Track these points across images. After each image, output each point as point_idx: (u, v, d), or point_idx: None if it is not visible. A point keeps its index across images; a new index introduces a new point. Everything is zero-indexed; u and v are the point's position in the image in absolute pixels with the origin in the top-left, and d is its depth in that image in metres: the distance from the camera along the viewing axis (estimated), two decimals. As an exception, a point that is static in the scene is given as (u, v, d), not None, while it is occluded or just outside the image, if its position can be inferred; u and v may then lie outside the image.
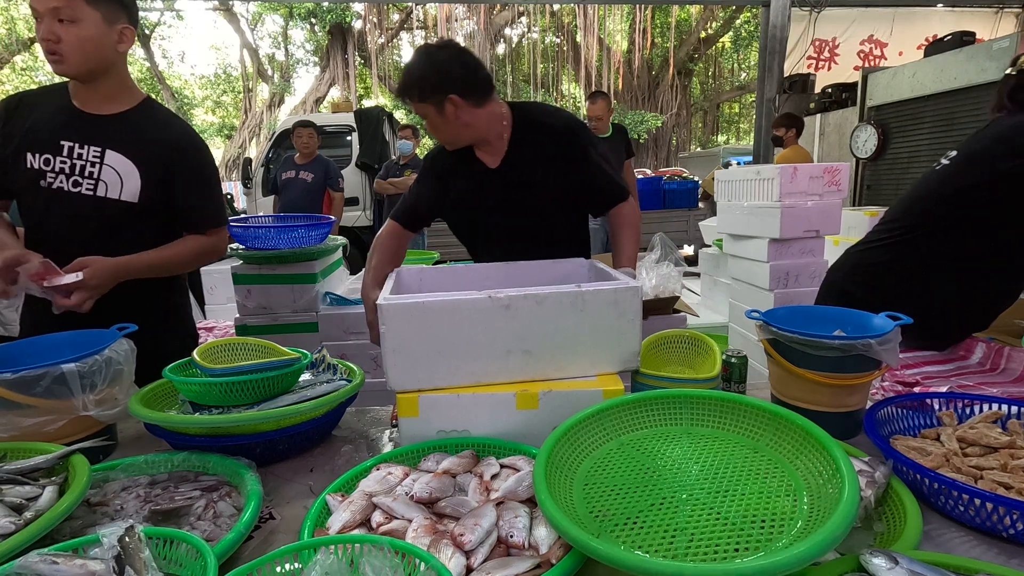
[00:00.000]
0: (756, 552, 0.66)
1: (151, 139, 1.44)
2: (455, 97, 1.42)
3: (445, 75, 1.41)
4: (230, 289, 2.52)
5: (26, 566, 0.66)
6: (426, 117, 1.49)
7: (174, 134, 1.47)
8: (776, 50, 6.34)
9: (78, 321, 1.28)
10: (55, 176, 1.39)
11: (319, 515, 0.84)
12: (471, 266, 1.52)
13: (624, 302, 1.08)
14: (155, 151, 1.43)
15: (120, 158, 1.40)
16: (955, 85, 3.74)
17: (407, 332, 1.04)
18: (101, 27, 1.33)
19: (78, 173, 1.39)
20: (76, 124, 1.41)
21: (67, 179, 1.39)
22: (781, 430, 0.86)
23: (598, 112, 4.36)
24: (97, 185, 1.40)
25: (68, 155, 1.38)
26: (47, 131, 1.39)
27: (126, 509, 0.88)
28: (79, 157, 1.39)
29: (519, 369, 1.08)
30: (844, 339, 1.03)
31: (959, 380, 1.36)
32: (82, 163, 1.39)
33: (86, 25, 1.31)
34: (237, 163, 12.88)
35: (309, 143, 4.41)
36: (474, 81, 1.44)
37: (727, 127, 21.81)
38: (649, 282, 2.27)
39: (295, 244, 2.24)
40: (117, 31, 1.37)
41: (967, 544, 0.79)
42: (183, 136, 1.48)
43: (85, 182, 1.39)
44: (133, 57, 17.01)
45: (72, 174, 1.39)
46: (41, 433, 1.04)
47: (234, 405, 1.13)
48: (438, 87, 1.41)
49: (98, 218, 1.41)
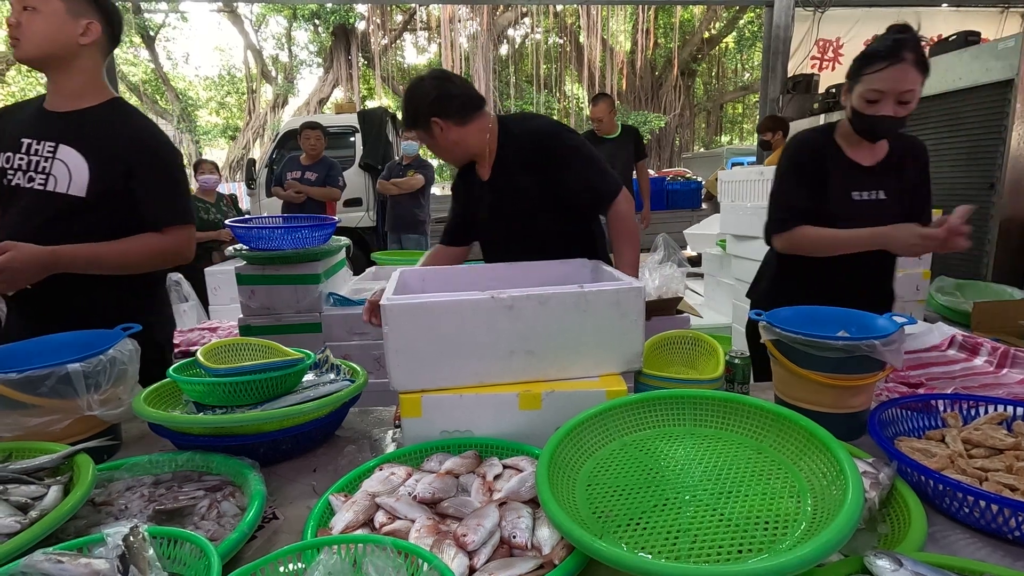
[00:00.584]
0: (760, 554, 0.66)
1: (109, 135, 1.43)
2: (437, 119, 1.56)
3: (425, 100, 1.56)
4: (234, 289, 2.52)
5: (31, 565, 0.67)
6: (424, 141, 1.66)
7: (136, 131, 1.46)
8: (780, 50, 6.33)
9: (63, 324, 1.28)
10: (14, 173, 1.40)
11: (322, 515, 0.85)
12: (473, 267, 1.52)
13: (627, 302, 1.08)
14: (112, 147, 1.42)
15: (71, 152, 1.40)
16: (960, 85, 3.72)
17: (410, 332, 1.04)
18: (63, 17, 1.36)
19: (32, 168, 1.39)
20: (38, 122, 1.42)
21: (24, 175, 1.40)
22: (785, 431, 0.86)
23: (599, 114, 4.40)
24: (48, 179, 1.39)
25: (26, 152, 1.40)
26: (12, 132, 1.42)
27: (130, 509, 0.89)
28: (35, 153, 1.40)
29: (522, 369, 1.08)
30: (848, 340, 1.03)
31: (964, 381, 1.35)
32: (37, 158, 1.40)
33: (46, 14, 1.35)
34: (241, 164, 12.93)
35: (316, 145, 4.42)
36: (452, 102, 1.56)
37: (730, 128, 21.78)
38: (652, 283, 2.27)
39: (298, 245, 2.25)
40: (82, 25, 1.39)
41: (972, 546, 0.79)
42: (145, 133, 1.47)
43: (38, 177, 1.39)
44: (138, 59, 17.10)
45: (28, 170, 1.39)
46: (46, 433, 1.04)
47: (238, 405, 1.14)
48: (422, 112, 1.57)
49: (46, 212, 1.40)
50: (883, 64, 1.38)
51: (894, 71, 1.37)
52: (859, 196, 1.55)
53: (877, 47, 1.41)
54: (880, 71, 1.38)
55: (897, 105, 1.40)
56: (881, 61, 1.38)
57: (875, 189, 1.55)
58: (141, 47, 16.76)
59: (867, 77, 1.41)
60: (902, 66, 1.37)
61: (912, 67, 1.37)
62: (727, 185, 4.17)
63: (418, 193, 4.92)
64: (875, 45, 1.42)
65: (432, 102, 1.55)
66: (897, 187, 1.56)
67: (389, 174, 5.00)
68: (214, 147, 19.67)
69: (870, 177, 1.56)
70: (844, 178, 1.55)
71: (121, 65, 15.44)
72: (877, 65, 1.39)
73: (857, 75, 1.44)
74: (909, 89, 1.39)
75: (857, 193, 1.55)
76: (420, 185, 4.88)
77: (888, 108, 1.40)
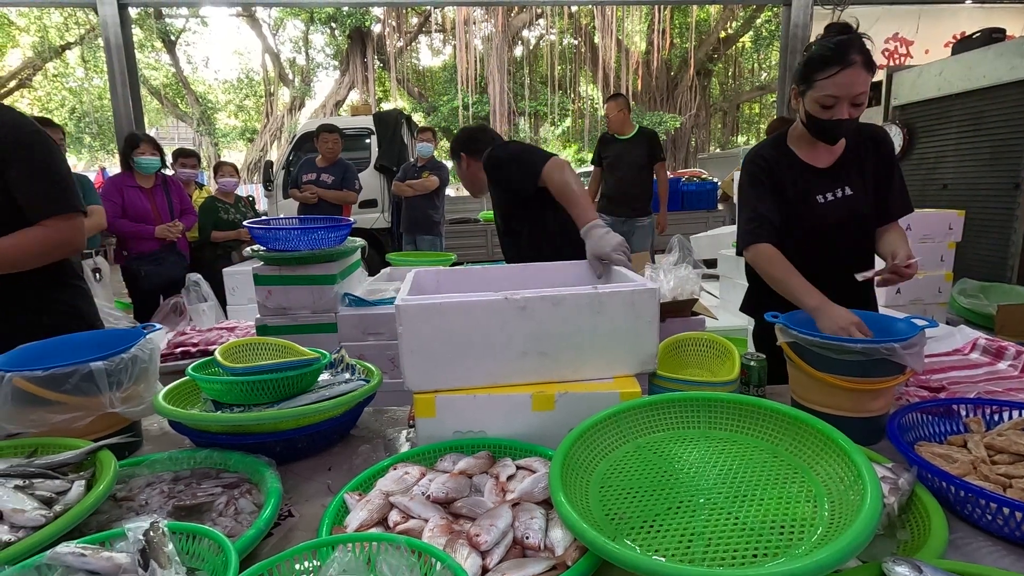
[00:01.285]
0: (775, 558, 0.65)
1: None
2: (463, 155, 2.12)
3: (458, 140, 2.17)
4: (251, 290, 2.55)
5: (55, 558, 0.68)
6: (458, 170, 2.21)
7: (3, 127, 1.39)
8: (798, 49, 6.23)
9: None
10: None
11: (337, 513, 0.85)
12: (487, 268, 1.52)
13: (641, 304, 1.08)
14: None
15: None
16: (984, 83, 3.65)
17: (425, 332, 1.04)
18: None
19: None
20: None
21: None
22: (801, 435, 0.85)
23: (608, 112, 4.43)
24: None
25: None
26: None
27: (150, 504, 0.90)
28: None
29: (535, 370, 1.08)
30: (867, 343, 1.02)
31: (987, 385, 1.32)
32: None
33: None
34: (259, 166, 13.10)
35: (334, 148, 4.46)
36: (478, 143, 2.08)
37: (747, 128, 21.54)
38: (667, 284, 2.25)
39: (315, 246, 2.27)
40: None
41: (995, 554, 0.77)
42: (10, 127, 1.41)
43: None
44: (159, 63, 17.41)
45: None
46: (70, 429, 1.07)
47: (255, 404, 1.15)
48: (455, 148, 2.18)
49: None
50: (835, 69, 1.35)
51: (846, 75, 1.35)
52: (823, 198, 1.52)
53: (824, 51, 1.37)
54: (832, 76, 1.36)
55: (851, 107, 1.38)
56: (833, 66, 1.35)
57: (838, 187, 1.53)
58: (162, 51, 17.07)
59: (820, 83, 1.38)
60: (853, 69, 1.34)
61: (862, 68, 1.35)
62: (743, 186, 4.11)
63: (433, 195, 4.94)
64: (820, 49, 1.39)
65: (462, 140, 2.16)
66: (860, 180, 1.54)
67: (404, 176, 5.03)
68: (232, 149, 19.96)
69: (829, 177, 1.53)
70: (804, 183, 1.53)
71: (143, 69, 15.73)
72: (829, 70, 1.36)
73: (808, 80, 1.41)
74: (862, 91, 1.37)
75: (821, 196, 1.52)
76: (435, 187, 4.90)
77: (843, 111, 1.38)
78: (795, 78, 1.47)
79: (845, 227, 1.53)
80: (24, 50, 15.54)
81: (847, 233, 1.54)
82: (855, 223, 1.54)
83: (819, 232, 1.53)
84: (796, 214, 1.53)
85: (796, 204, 1.52)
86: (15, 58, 15.67)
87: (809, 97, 1.43)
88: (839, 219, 1.52)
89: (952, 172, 4.05)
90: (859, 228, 1.55)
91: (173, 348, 2.16)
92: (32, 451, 1.02)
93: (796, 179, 1.53)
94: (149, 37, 16.24)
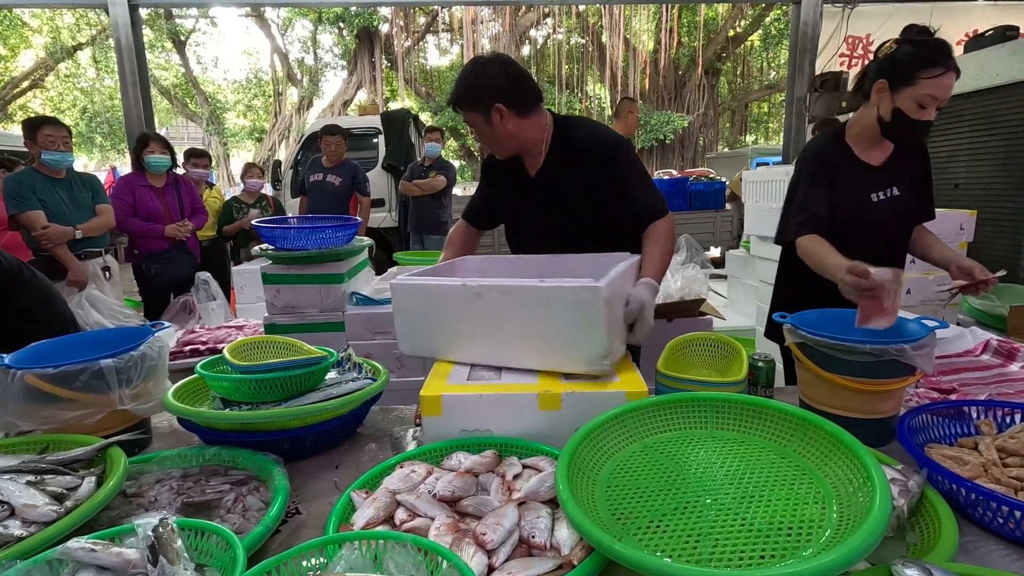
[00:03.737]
0: (783, 560, 0.65)
1: None
2: (500, 106, 1.45)
3: (491, 85, 1.45)
4: (259, 288, 2.57)
5: (66, 552, 0.69)
6: (474, 125, 1.53)
7: None
8: (807, 48, 6.19)
9: None
10: None
11: (344, 511, 0.86)
12: (526, 257, 1.52)
13: (587, 301, 1.04)
14: None
15: None
16: (997, 82, 3.60)
17: (410, 306, 1.23)
18: None
19: None
20: None
21: None
22: (809, 436, 0.84)
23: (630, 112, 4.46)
24: None
25: None
26: None
27: (160, 501, 0.91)
28: None
29: (495, 354, 1.16)
30: (876, 343, 1.01)
31: (999, 388, 1.31)
32: None
33: None
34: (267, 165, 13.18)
35: (337, 150, 4.48)
36: (519, 91, 1.47)
37: (756, 127, 21.41)
38: (675, 284, 2.24)
39: (322, 245, 2.28)
40: None
41: (1007, 558, 0.77)
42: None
43: None
44: (169, 63, 17.56)
45: None
46: (81, 426, 1.08)
47: (263, 402, 1.16)
48: (485, 96, 1.45)
49: None
50: (940, 70, 1.36)
51: (949, 78, 1.36)
52: (877, 197, 1.54)
53: (929, 51, 1.37)
54: (938, 77, 1.36)
55: (936, 111, 1.40)
56: (938, 67, 1.35)
57: (889, 187, 1.54)
58: (172, 52, 17.20)
59: (924, 82, 1.36)
60: (952, 74, 1.36)
61: (954, 73, 1.37)
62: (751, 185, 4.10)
63: (440, 194, 4.95)
64: (924, 49, 1.38)
65: (499, 88, 1.44)
66: (907, 181, 1.56)
67: (411, 175, 5.04)
68: (241, 149, 20.09)
69: (883, 176, 1.55)
70: (861, 181, 1.53)
71: (153, 70, 15.87)
72: (934, 71, 1.36)
73: (911, 78, 1.38)
74: (948, 96, 1.38)
75: (875, 195, 1.54)
76: (442, 186, 4.91)
77: (932, 114, 1.39)
78: (886, 72, 1.43)
79: (889, 226, 1.56)
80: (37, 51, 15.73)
81: (889, 232, 1.57)
82: (897, 222, 1.57)
83: (866, 229, 1.54)
84: (849, 210, 1.53)
85: (850, 201, 1.53)
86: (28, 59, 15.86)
87: (906, 95, 1.40)
88: (886, 218, 1.54)
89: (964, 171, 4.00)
90: (900, 228, 1.59)
91: (182, 346, 2.18)
92: (44, 447, 1.03)
93: (852, 176, 1.54)
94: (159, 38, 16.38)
